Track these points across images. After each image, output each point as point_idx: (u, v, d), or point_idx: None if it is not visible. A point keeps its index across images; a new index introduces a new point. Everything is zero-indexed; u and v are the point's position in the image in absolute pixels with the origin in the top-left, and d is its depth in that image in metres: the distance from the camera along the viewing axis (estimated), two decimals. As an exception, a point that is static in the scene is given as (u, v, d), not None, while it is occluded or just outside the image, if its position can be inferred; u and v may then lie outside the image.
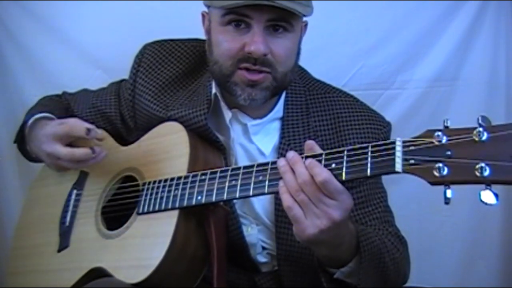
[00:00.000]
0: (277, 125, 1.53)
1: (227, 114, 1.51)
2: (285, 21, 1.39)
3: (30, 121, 1.62)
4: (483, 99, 2.03)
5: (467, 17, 2.00)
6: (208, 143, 1.49)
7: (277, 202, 1.45)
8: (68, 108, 1.75)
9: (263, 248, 1.53)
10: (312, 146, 1.25)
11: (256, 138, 1.52)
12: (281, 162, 1.23)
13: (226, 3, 1.36)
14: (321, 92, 1.56)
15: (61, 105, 1.75)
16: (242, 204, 1.51)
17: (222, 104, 1.52)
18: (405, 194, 1.95)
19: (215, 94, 1.51)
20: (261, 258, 1.54)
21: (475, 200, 1.06)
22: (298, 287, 1.49)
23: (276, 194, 1.25)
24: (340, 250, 1.29)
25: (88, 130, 1.44)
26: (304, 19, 1.47)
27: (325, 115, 1.53)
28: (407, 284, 1.50)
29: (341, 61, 2.04)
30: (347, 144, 1.48)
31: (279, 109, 1.53)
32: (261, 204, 1.50)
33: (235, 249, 1.48)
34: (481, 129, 1.05)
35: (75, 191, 1.61)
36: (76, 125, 1.47)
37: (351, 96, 1.59)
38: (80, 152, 1.46)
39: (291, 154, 1.22)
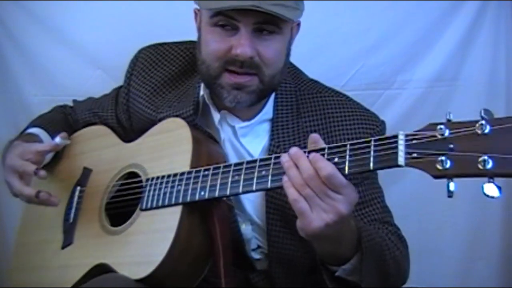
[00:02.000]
0: (266, 126, 1.52)
1: (216, 116, 1.51)
2: (272, 24, 1.38)
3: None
4: (483, 99, 2.03)
5: (467, 17, 2.00)
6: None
7: (268, 204, 1.46)
8: (69, 115, 1.78)
9: (258, 246, 1.53)
10: (316, 139, 1.24)
11: (245, 140, 1.52)
12: (284, 158, 1.22)
13: (212, 5, 1.37)
14: (313, 92, 1.56)
15: (61, 115, 1.77)
16: (234, 204, 1.50)
17: (211, 106, 1.52)
18: (405, 194, 1.95)
19: (203, 96, 1.52)
20: (256, 255, 1.54)
21: (475, 200, 1.07)
22: (290, 286, 1.50)
23: (280, 189, 1.24)
24: (341, 246, 1.29)
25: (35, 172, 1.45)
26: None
27: (316, 115, 1.52)
28: (407, 284, 1.49)
29: (341, 61, 2.04)
30: None
31: (268, 111, 1.52)
32: (253, 205, 1.50)
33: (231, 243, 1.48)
34: (483, 122, 1.04)
35: (78, 188, 1.62)
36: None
37: (344, 95, 1.58)
38: (27, 190, 1.46)
39: (294, 150, 1.21)
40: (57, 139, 1.52)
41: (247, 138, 1.52)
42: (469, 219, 2.07)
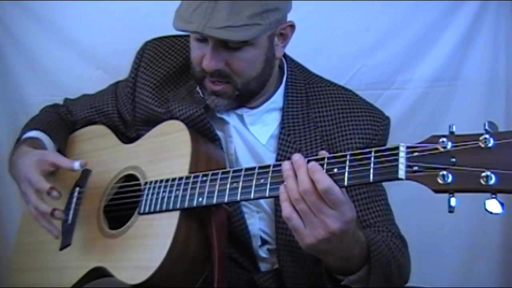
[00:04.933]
0: (276, 115, 1.53)
1: None
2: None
3: (21, 139, 1.65)
4: (483, 99, 2.04)
5: (467, 17, 2.00)
6: (208, 138, 1.50)
7: None
8: (65, 116, 1.77)
9: (264, 242, 1.53)
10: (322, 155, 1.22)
11: (253, 128, 1.53)
12: (286, 166, 1.20)
13: (173, 24, 1.40)
14: (321, 85, 1.57)
15: (55, 115, 1.77)
16: None
17: None
18: (405, 193, 1.94)
19: None
20: (262, 253, 1.54)
21: (476, 200, 1.06)
22: (299, 282, 1.49)
23: (277, 198, 1.23)
24: (349, 262, 1.29)
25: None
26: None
27: (324, 108, 1.53)
28: (407, 284, 1.50)
29: (341, 61, 2.04)
30: (347, 136, 1.49)
31: (276, 100, 1.53)
32: None
33: (237, 242, 1.48)
34: (487, 135, 1.02)
35: (77, 189, 1.61)
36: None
37: (350, 91, 1.60)
38: (43, 207, 1.45)
39: (296, 157, 1.20)
40: (76, 164, 1.49)
41: (256, 126, 1.53)
42: (469, 219, 2.07)
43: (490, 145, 1.02)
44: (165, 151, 1.49)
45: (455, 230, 2.10)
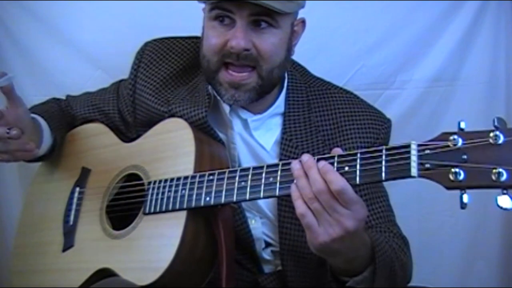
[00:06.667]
0: (278, 120, 1.53)
1: (226, 107, 1.51)
2: (268, 16, 1.39)
3: None
4: (483, 99, 2.04)
5: (467, 17, 2.00)
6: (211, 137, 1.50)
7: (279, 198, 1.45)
8: (65, 108, 1.76)
9: (267, 244, 1.53)
10: (336, 152, 1.22)
11: (257, 134, 1.52)
12: (296, 166, 1.20)
13: None
14: (322, 88, 1.57)
15: (56, 106, 1.75)
16: None
17: (219, 98, 1.51)
18: (405, 194, 1.95)
19: (212, 89, 1.52)
20: (265, 255, 1.53)
21: (476, 200, 1.06)
22: (302, 284, 1.49)
23: (288, 197, 1.23)
24: (355, 263, 1.29)
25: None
26: (301, 16, 1.47)
27: (326, 111, 1.53)
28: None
29: (341, 61, 2.04)
30: (348, 139, 1.49)
31: (279, 105, 1.53)
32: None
33: (240, 244, 1.47)
34: (497, 132, 1.04)
35: (77, 189, 1.61)
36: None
37: (352, 93, 1.60)
38: None
39: (305, 157, 1.20)
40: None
41: (259, 132, 1.53)
42: (469, 219, 2.07)
43: (500, 142, 1.04)
44: (168, 150, 1.48)
45: (455, 230, 2.10)
